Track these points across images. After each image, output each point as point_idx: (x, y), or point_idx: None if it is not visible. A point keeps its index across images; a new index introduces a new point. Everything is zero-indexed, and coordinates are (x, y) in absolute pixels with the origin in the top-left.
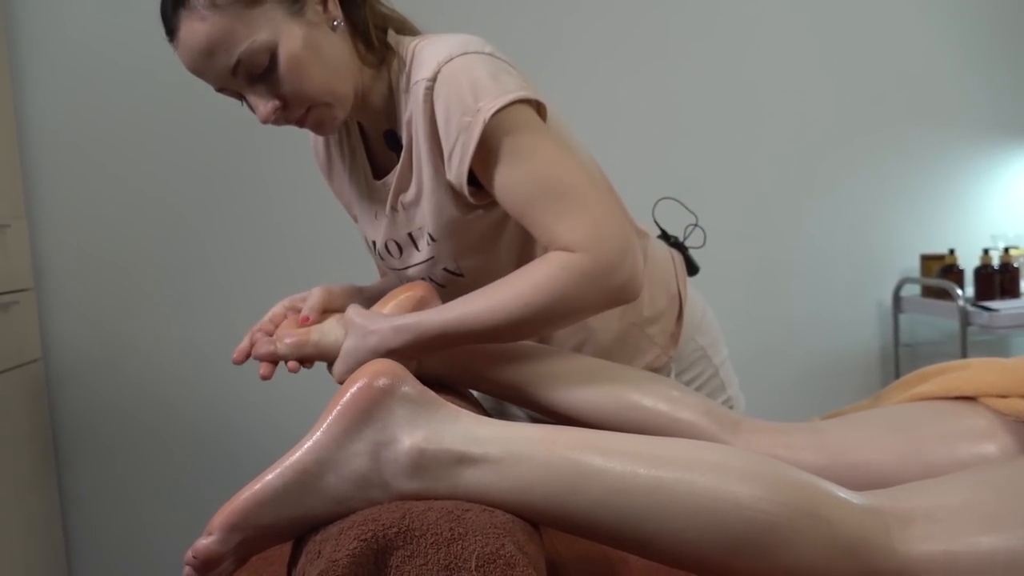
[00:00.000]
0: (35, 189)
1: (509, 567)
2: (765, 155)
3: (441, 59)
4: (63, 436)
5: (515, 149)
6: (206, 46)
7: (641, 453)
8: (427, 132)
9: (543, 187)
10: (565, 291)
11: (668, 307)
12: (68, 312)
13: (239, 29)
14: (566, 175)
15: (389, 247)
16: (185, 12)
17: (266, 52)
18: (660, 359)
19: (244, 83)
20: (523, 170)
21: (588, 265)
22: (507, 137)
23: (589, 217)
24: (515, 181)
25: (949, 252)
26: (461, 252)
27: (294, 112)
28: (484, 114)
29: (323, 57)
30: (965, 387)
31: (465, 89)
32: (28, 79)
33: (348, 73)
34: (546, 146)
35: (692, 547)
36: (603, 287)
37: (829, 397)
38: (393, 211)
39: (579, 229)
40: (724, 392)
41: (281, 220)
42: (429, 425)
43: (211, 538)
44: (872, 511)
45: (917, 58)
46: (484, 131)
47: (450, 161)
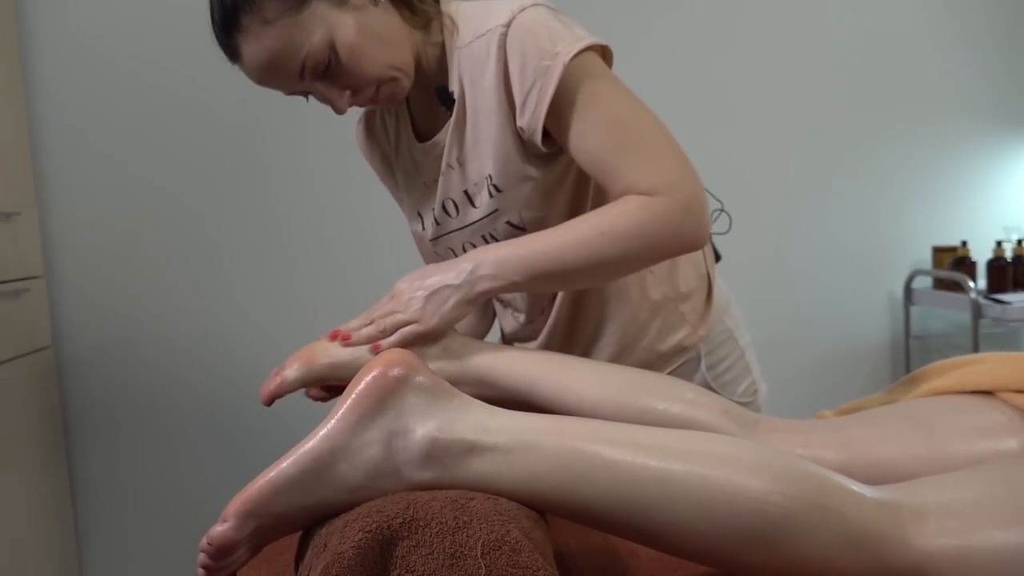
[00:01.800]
0: (45, 177)
1: (514, 552)
2: (777, 148)
3: (515, 8)
4: (73, 422)
5: (592, 95)
6: (269, 61)
7: (651, 445)
8: (497, 79)
9: (620, 132)
10: (643, 229)
11: (699, 286)
12: (78, 299)
13: (295, 36)
14: (641, 122)
15: (447, 207)
16: (241, 35)
17: (326, 49)
18: (691, 337)
19: (313, 82)
20: (599, 116)
21: (665, 207)
22: (584, 82)
23: (665, 163)
24: (591, 126)
25: (961, 244)
26: (526, 203)
27: (365, 94)
28: (564, 57)
29: (377, 36)
30: (982, 381)
31: (543, 34)
32: (38, 69)
33: (404, 42)
34: (620, 94)
35: (702, 539)
36: (678, 230)
37: (840, 388)
38: (449, 168)
39: (656, 175)
40: (750, 375)
41: (288, 209)
42: (442, 414)
43: (226, 525)
44: (886, 505)
45: (931, 50)
46: (563, 74)
47: (524, 107)
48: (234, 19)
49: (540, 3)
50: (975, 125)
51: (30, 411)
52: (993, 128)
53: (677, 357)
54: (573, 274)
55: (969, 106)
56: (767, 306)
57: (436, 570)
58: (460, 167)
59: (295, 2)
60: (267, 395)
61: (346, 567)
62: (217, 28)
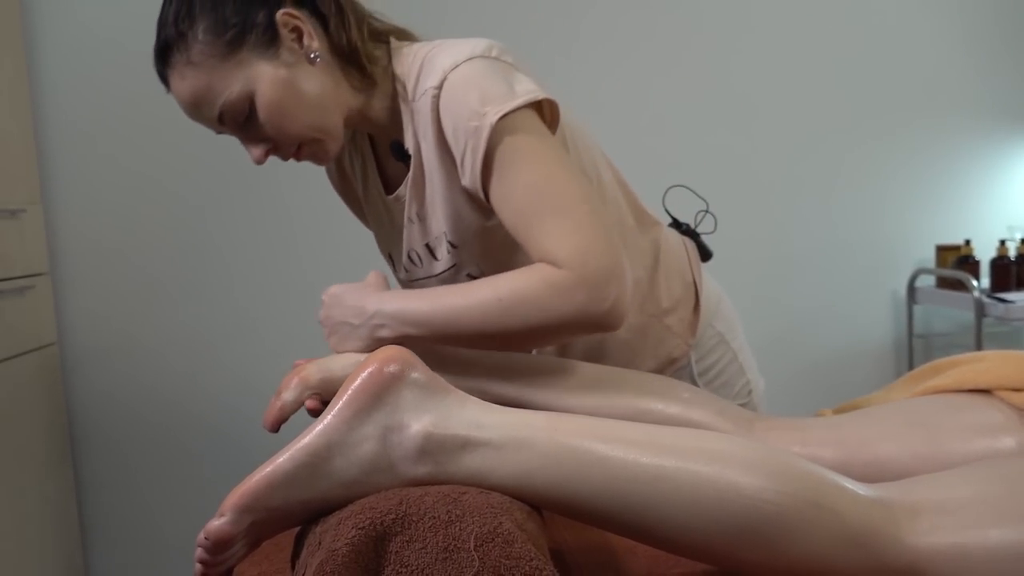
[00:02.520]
0: (50, 175)
1: (508, 544)
2: (781, 145)
3: (447, 67)
4: (78, 419)
5: (515, 158)
6: (190, 101)
7: (644, 442)
8: (436, 140)
9: (538, 200)
10: (543, 304)
11: (684, 296)
12: (83, 296)
13: (216, 83)
14: (563, 189)
15: (412, 258)
16: (169, 69)
17: (245, 101)
18: (680, 348)
19: (233, 130)
20: (521, 180)
21: (570, 283)
22: (509, 145)
23: (579, 235)
24: (511, 190)
25: (965, 243)
26: (484, 256)
27: (285, 151)
28: (491, 117)
29: (302, 95)
30: (981, 380)
31: (472, 95)
32: (44, 67)
33: (334, 103)
34: (547, 157)
35: (695, 536)
36: (583, 308)
37: (842, 387)
38: (410, 222)
39: (567, 246)
40: (744, 376)
41: (293, 210)
42: (437, 410)
43: (223, 519)
44: (881, 502)
45: (933, 48)
46: (490, 135)
47: (463, 167)
48: (166, 53)
49: (479, 55)
50: (979, 123)
51: (35, 407)
52: (998, 127)
53: (667, 368)
54: (471, 337)
55: (973, 104)
56: (770, 304)
57: (430, 564)
58: (420, 221)
59: (223, 49)
60: (271, 422)
61: (340, 564)
62: (153, 57)
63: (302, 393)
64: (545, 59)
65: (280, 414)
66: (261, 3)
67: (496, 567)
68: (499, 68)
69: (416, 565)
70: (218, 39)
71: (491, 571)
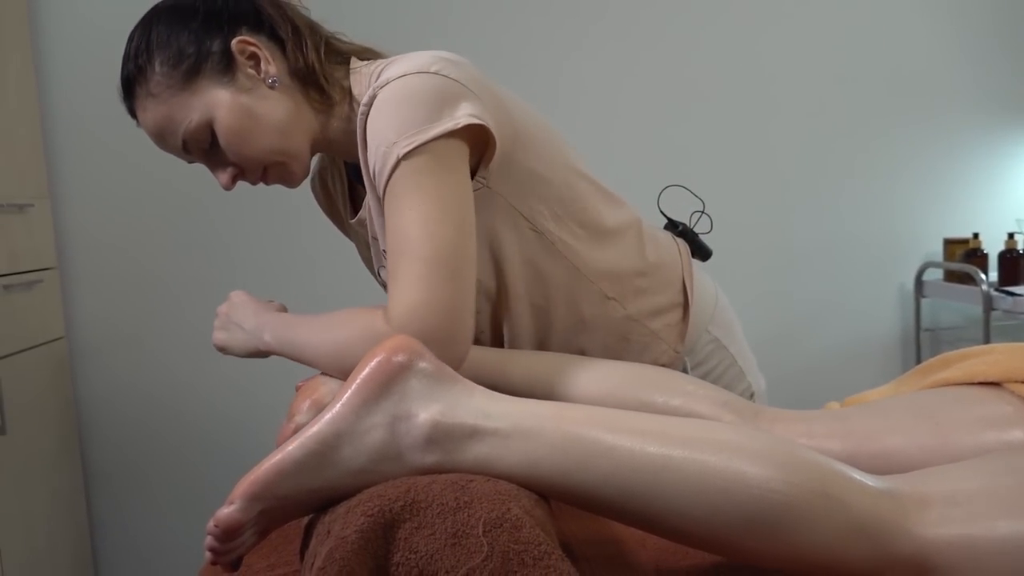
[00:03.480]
0: (58, 170)
1: (516, 529)
2: (789, 138)
3: (381, 83)
4: (86, 412)
5: (402, 200)
6: (155, 131)
7: (651, 431)
8: (363, 157)
9: (400, 243)
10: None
11: (672, 301)
12: (91, 291)
13: (176, 113)
14: (425, 243)
15: (381, 274)
16: (134, 102)
17: (205, 129)
18: (668, 354)
19: (199, 157)
20: (402, 215)
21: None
22: (405, 182)
23: (419, 292)
24: (390, 227)
25: (973, 236)
26: None
27: (251, 176)
28: (399, 148)
29: (261, 119)
30: (990, 372)
31: (391, 118)
32: (51, 62)
33: (295, 126)
34: (427, 204)
35: (702, 526)
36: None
37: (850, 381)
38: (374, 240)
39: (402, 302)
40: (744, 379)
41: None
42: (444, 399)
43: (232, 507)
44: (889, 494)
45: (943, 42)
46: (394, 166)
47: (376, 184)
48: (130, 87)
49: (415, 71)
50: (988, 117)
51: (44, 401)
52: (1006, 120)
53: None
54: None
55: (981, 98)
56: (778, 298)
57: (439, 550)
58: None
59: (180, 80)
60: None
61: (349, 551)
62: (120, 91)
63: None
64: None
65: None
66: (216, 31)
67: (505, 552)
68: (434, 87)
69: (425, 551)
70: (175, 70)
71: (500, 556)
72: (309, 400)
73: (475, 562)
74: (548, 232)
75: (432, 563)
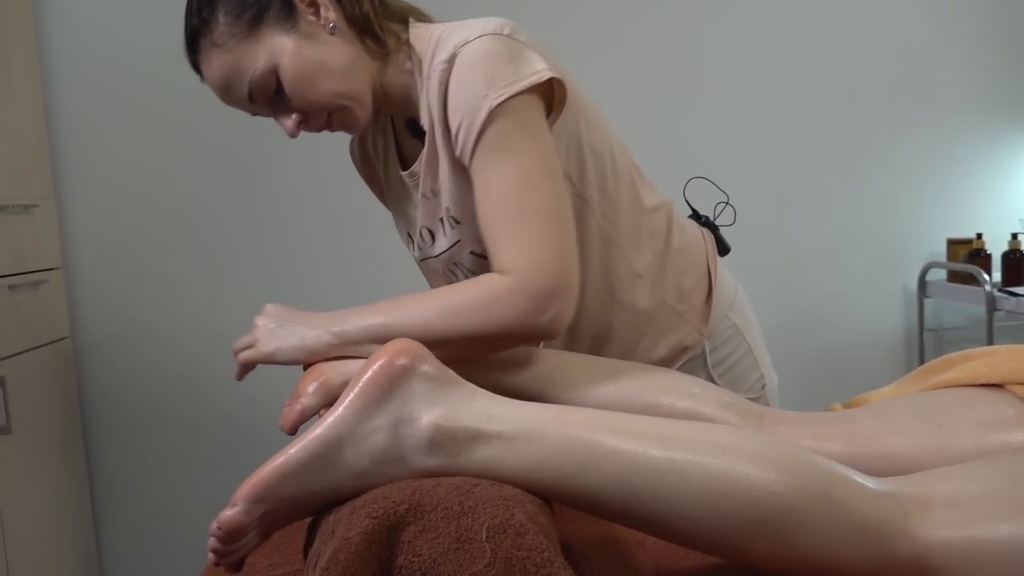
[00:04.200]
0: (63, 170)
1: (519, 535)
2: (792, 138)
3: (458, 42)
4: (91, 412)
5: (501, 153)
6: (220, 83)
7: (654, 434)
8: (440, 114)
9: (508, 202)
10: (484, 311)
11: (698, 284)
12: (96, 291)
13: (242, 61)
14: (537, 195)
15: (423, 235)
16: (199, 56)
17: (271, 75)
18: (691, 336)
19: (264, 106)
20: (498, 177)
21: (513, 292)
22: (500, 135)
23: (536, 248)
24: (487, 185)
25: (976, 236)
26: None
27: (316, 121)
28: (490, 101)
29: (325, 64)
30: (992, 374)
31: (478, 73)
32: (56, 64)
33: (357, 72)
34: (531, 158)
35: (705, 528)
36: (520, 319)
37: (853, 381)
38: (424, 198)
39: (521, 258)
40: (758, 369)
41: (302, 204)
42: (447, 403)
43: (235, 509)
44: (890, 496)
45: (946, 42)
46: (487, 119)
47: (456, 139)
48: (194, 41)
49: (489, 32)
50: (992, 117)
51: (49, 401)
52: (1010, 120)
53: (679, 356)
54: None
55: (986, 99)
56: (781, 297)
57: (442, 554)
58: (434, 197)
59: (244, 28)
60: (291, 425)
61: (353, 552)
62: (185, 49)
63: (324, 397)
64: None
65: (301, 418)
66: None
67: (508, 558)
68: (510, 47)
69: (428, 555)
70: (238, 19)
71: (503, 562)
72: (316, 383)
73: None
74: (591, 199)
75: (435, 567)
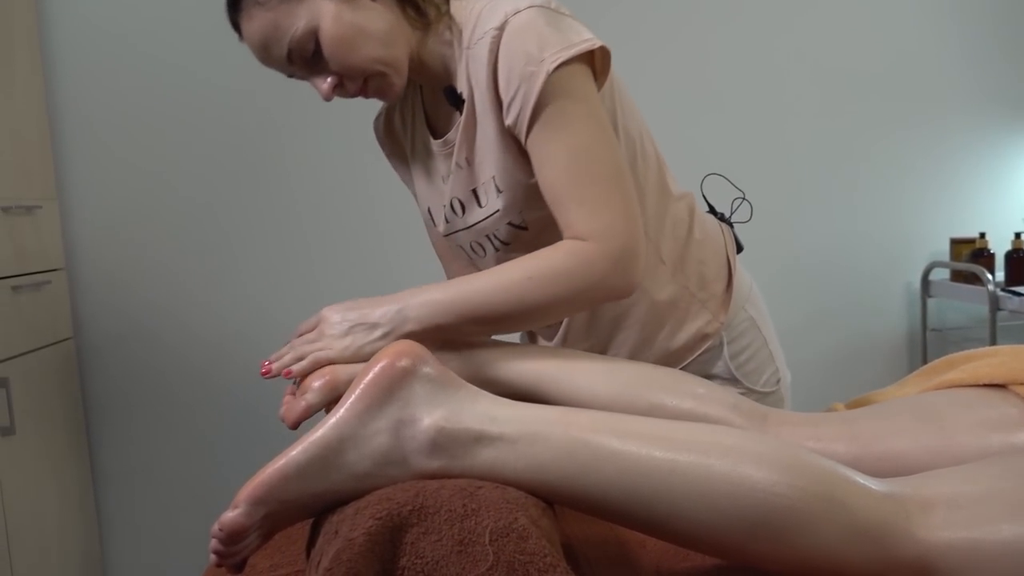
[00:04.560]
0: (66, 171)
1: (522, 539)
2: (795, 138)
3: (509, 11)
4: (94, 412)
5: (564, 118)
6: (260, 42)
7: (657, 436)
8: (489, 82)
9: (577, 167)
10: (570, 276)
11: (719, 273)
12: (99, 291)
13: (283, 21)
14: (602, 161)
15: (454, 206)
16: (240, 14)
17: (310, 37)
18: (711, 325)
19: (302, 67)
20: (564, 144)
21: (595, 255)
22: (559, 102)
23: (609, 210)
24: (552, 153)
25: (980, 236)
26: (526, 203)
27: (351, 86)
28: (548, 65)
29: (365, 30)
30: (995, 374)
31: (531, 39)
32: (58, 65)
33: (396, 39)
34: (592, 124)
35: (707, 529)
36: (605, 280)
37: (856, 381)
38: (458, 168)
39: (596, 220)
40: (773, 364)
41: (303, 202)
42: (449, 404)
43: (237, 511)
44: (892, 497)
45: (948, 43)
46: (545, 83)
47: (508, 109)
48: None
49: (538, 4)
50: (995, 117)
51: (52, 401)
52: (1013, 120)
53: (698, 345)
54: (501, 318)
55: (989, 98)
56: (785, 297)
57: (445, 556)
58: (468, 166)
59: None
60: (294, 420)
61: (357, 553)
62: (226, 5)
63: (329, 395)
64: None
65: (304, 415)
66: None
67: (510, 562)
68: (558, 18)
69: (431, 557)
70: None
71: (505, 566)
72: (322, 380)
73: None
74: None
75: (437, 569)
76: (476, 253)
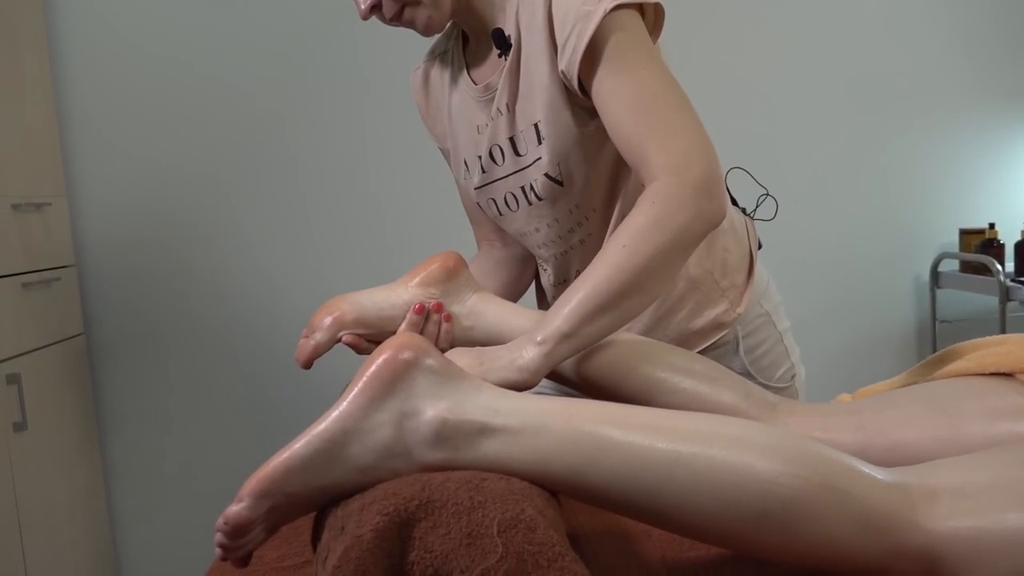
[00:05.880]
0: (75, 168)
1: (530, 530)
2: (804, 131)
3: None
4: (105, 408)
5: (625, 54)
6: None
7: (660, 427)
8: (544, 25)
9: (645, 101)
10: (664, 222)
11: (740, 263)
12: (109, 287)
13: None
14: (667, 93)
15: (494, 154)
16: None
17: None
18: (729, 314)
19: None
20: (629, 78)
21: (679, 191)
22: (621, 39)
23: (682, 139)
24: (620, 86)
25: (989, 226)
26: (566, 155)
27: (388, 8)
28: (606, 4)
29: None
30: (1002, 363)
31: None
32: (67, 62)
33: None
34: (652, 60)
35: (712, 520)
36: (697, 211)
37: (866, 372)
38: (498, 113)
39: (672, 152)
40: (788, 359)
41: (311, 197)
42: (452, 396)
43: (241, 504)
44: (898, 487)
45: (958, 32)
46: (602, 22)
47: (563, 49)
48: None
49: None
50: (1004, 107)
51: (63, 397)
52: (1021, 110)
53: (714, 332)
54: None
55: (997, 88)
56: (794, 289)
57: (454, 550)
58: (509, 112)
59: None
60: (305, 359)
61: (366, 550)
62: None
63: (336, 333)
64: None
65: (314, 353)
66: None
67: (519, 553)
68: None
69: (440, 551)
70: None
71: (514, 557)
72: (330, 317)
73: (490, 563)
74: None
75: (447, 563)
76: (509, 207)
